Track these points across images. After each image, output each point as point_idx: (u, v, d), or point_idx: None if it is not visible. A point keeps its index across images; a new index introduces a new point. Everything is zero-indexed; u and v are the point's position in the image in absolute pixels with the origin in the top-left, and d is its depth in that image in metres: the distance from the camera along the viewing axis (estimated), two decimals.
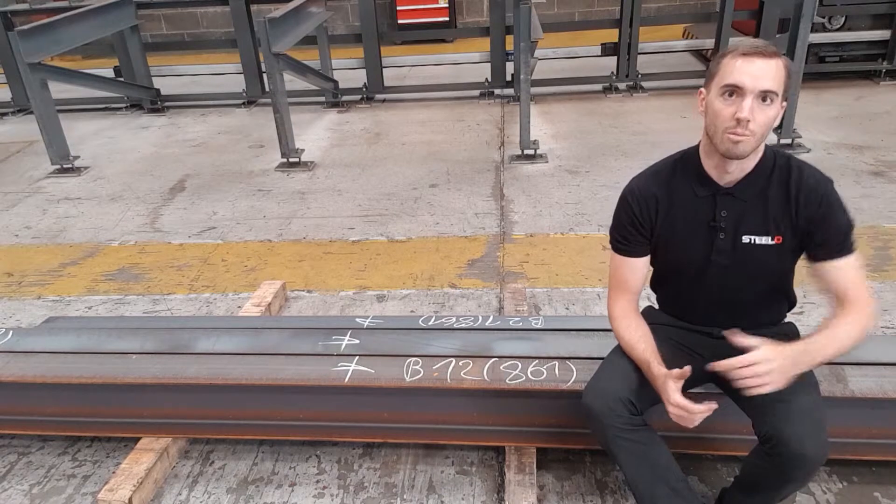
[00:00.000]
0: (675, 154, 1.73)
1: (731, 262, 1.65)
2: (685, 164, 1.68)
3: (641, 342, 1.69)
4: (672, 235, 1.70)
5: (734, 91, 1.48)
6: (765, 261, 1.64)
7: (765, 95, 1.47)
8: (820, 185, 1.59)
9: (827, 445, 1.51)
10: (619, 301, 1.78)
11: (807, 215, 1.58)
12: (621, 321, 1.75)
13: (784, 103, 1.53)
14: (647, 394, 1.66)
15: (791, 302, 1.78)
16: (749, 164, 1.59)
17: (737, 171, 1.59)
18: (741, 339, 1.51)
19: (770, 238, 1.61)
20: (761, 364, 1.46)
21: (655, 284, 1.89)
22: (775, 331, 1.70)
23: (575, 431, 2.05)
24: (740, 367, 1.47)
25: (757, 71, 1.46)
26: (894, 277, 3.08)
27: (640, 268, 1.76)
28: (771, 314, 1.78)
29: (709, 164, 1.62)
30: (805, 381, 1.59)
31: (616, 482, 2.06)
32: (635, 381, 1.68)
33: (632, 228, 1.72)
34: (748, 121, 1.46)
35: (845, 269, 1.59)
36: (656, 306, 1.93)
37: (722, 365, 1.49)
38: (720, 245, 1.65)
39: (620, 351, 1.77)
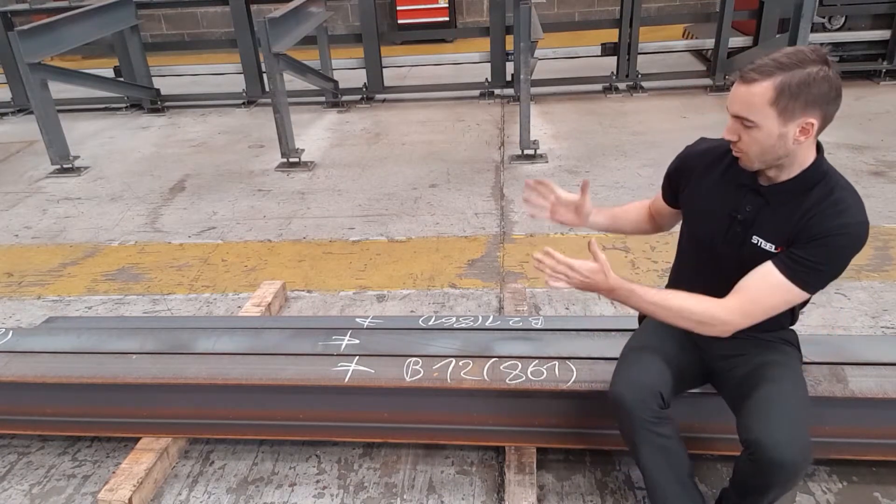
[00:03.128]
0: None
1: (737, 255, 1.64)
2: None
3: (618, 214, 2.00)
4: (696, 208, 1.74)
5: None
6: None
7: (740, 120, 1.50)
8: (836, 228, 1.49)
9: (808, 450, 1.50)
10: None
11: (801, 235, 1.53)
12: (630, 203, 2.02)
13: (784, 129, 1.47)
14: (676, 386, 1.68)
15: (794, 313, 1.73)
16: (788, 173, 1.57)
17: (771, 175, 1.59)
18: (596, 249, 1.68)
19: (774, 247, 1.59)
20: (580, 272, 1.66)
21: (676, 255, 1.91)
22: (774, 336, 1.69)
23: (575, 431, 2.06)
24: (559, 264, 1.68)
25: (732, 96, 1.52)
26: (894, 277, 3.08)
27: (664, 209, 1.89)
28: (770, 321, 1.75)
29: None
30: (790, 383, 1.59)
31: (616, 482, 2.06)
32: (668, 373, 1.69)
33: (667, 179, 1.84)
34: (732, 141, 1.53)
35: (764, 279, 1.55)
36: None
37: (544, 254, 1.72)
38: (732, 235, 1.65)
39: (645, 340, 1.79)
